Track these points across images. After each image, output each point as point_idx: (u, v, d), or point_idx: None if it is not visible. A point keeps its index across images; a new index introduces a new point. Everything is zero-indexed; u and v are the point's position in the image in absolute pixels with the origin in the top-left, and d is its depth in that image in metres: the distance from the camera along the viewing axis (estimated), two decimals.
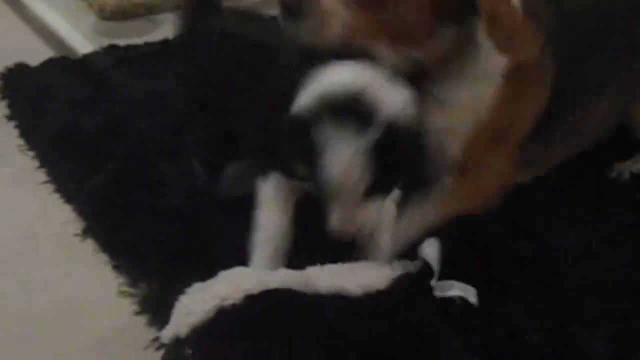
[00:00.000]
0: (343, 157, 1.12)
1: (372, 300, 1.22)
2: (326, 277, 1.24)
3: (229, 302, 1.21)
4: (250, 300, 1.21)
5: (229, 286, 1.23)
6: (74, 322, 1.32)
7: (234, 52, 1.43)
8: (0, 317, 1.33)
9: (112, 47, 2.19)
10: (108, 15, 2.38)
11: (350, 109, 1.13)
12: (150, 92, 1.95)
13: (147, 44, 2.21)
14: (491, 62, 1.31)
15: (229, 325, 1.21)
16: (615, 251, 1.43)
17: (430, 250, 1.30)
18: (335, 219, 1.19)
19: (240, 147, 1.48)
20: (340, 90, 1.14)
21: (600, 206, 1.55)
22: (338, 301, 1.21)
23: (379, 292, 1.23)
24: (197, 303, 1.23)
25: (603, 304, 1.29)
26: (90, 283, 1.40)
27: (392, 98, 1.15)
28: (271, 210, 1.31)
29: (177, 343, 1.22)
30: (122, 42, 2.22)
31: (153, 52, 2.17)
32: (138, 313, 1.32)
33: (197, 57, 1.53)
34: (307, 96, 1.17)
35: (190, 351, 1.21)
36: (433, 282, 1.26)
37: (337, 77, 1.17)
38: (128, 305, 1.34)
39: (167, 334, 1.23)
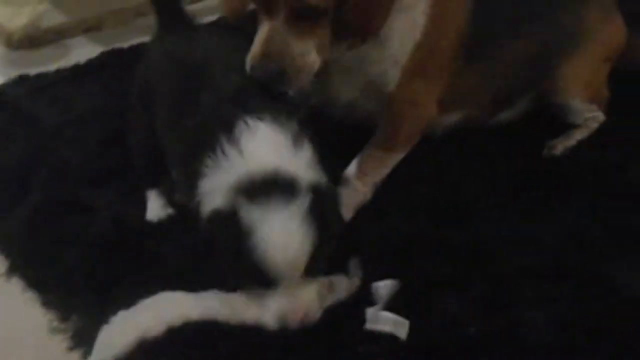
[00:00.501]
0: (279, 230, 1.08)
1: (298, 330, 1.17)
2: (251, 307, 1.19)
3: (150, 334, 1.16)
4: (172, 332, 1.16)
5: (151, 317, 1.19)
6: None
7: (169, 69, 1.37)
8: None
9: (22, 78, 2.12)
10: (16, 45, 2.31)
11: (273, 186, 1.10)
12: (66, 119, 1.89)
13: (58, 71, 2.15)
14: None
15: (151, 358, 1.16)
16: (546, 235, 1.43)
17: (384, 289, 1.27)
18: (278, 309, 1.13)
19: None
20: (258, 172, 1.11)
21: (530, 191, 1.55)
22: (262, 331, 1.16)
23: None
24: (118, 335, 1.19)
25: (539, 289, 1.29)
26: (19, 322, 1.35)
27: (304, 164, 1.15)
28: None
29: None
30: (32, 71, 2.15)
31: (65, 79, 2.11)
32: (71, 349, 1.27)
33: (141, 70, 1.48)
34: (222, 188, 1.12)
35: None
36: (370, 311, 1.23)
37: (250, 162, 1.13)
38: (60, 342, 1.29)
39: None
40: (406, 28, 1.44)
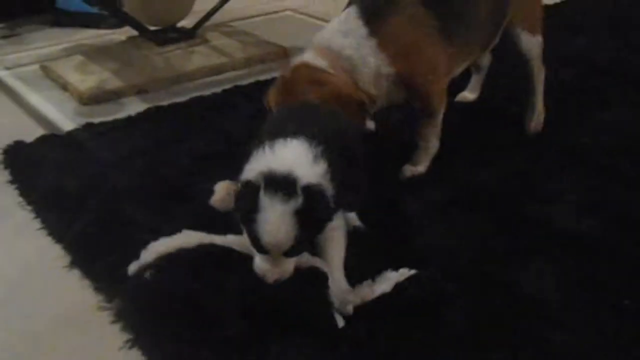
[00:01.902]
0: (274, 219, 1.20)
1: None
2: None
3: (186, 247, 1.34)
4: (202, 247, 1.35)
5: (185, 236, 1.36)
6: (64, 334, 1.34)
7: None
8: (4, 334, 1.35)
9: (89, 125, 2.20)
10: (85, 101, 2.39)
11: (280, 183, 1.22)
12: (117, 156, 1.98)
13: (115, 121, 2.23)
14: None
15: (188, 256, 1.32)
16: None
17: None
18: (261, 267, 1.26)
19: None
20: (277, 169, 1.24)
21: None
22: None
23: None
24: (160, 246, 1.35)
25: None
26: (76, 302, 1.42)
27: (310, 175, 1.24)
28: None
29: (140, 268, 1.32)
30: (96, 120, 2.23)
31: (120, 127, 2.19)
32: (114, 322, 1.35)
33: None
34: (253, 169, 1.26)
35: (149, 273, 1.32)
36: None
37: (273, 158, 1.26)
38: (106, 317, 1.37)
39: (135, 266, 1.34)
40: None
